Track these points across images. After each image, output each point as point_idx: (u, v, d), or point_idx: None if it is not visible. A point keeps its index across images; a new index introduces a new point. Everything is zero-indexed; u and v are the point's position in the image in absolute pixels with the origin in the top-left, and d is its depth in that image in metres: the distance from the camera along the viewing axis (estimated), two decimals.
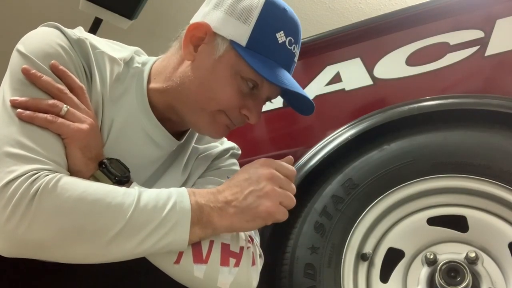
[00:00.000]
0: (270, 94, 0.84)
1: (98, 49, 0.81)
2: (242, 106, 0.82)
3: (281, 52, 0.81)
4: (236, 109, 0.82)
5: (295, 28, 0.83)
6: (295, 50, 0.83)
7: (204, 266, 0.74)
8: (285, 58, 0.81)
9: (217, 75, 0.80)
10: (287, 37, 0.80)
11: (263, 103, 0.86)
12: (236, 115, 0.83)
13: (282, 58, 0.81)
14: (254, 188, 0.74)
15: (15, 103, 0.69)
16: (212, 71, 0.81)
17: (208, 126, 0.84)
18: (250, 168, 0.78)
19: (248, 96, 0.82)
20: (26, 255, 0.66)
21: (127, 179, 0.76)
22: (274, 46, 0.80)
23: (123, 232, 0.66)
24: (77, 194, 0.65)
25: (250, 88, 0.81)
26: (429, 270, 0.99)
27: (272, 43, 0.80)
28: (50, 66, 0.73)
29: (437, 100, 1.07)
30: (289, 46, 0.81)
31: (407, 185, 1.03)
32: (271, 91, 0.84)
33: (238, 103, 0.81)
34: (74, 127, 0.71)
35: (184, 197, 0.72)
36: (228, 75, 0.80)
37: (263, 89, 0.82)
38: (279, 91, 0.85)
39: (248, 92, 0.81)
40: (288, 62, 0.82)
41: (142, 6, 2.05)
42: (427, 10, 1.23)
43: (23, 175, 0.63)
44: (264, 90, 0.82)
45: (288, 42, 0.81)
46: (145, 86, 0.85)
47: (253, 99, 0.83)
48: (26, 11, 2.96)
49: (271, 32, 0.80)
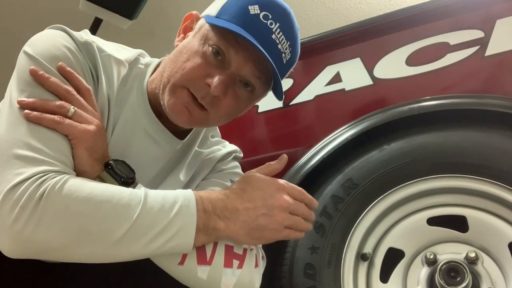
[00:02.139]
0: (238, 66, 0.79)
1: (104, 52, 0.82)
2: (206, 75, 0.78)
3: (252, 22, 0.77)
4: (201, 80, 0.78)
5: (274, 7, 0.79)
6: (272, 26, 0.78)
7: (208, 267, 0.74)
8: (256, 28, 0.77)
9: (189, 49, 0.81)
10: (261, 11, 0.77)
11: (231, 77, 0.79)
12: (200, 85, 0.78)
13: (252, 27, 0.77)
14: (266, 212, 0.76)
15: (23, 104, 0.70)
16: (186, 46, 0.82)
17: (169, 102, 0.80)
18: (266, 187, 0.78)
19: (215, 67, 0.78)
20: (33, 256, 0.66)
21: (132, 181, 0.76)
22: (244, 15, 0.77)
23: (129, 234, 0.66)
24: (83, 195, 0.65)
25: (215, 55, 0.78)
26: (429, 270, 0.99)
27: (242, 12, 0.77)
28: (58, 68, 0.74)
29: (437, 100, 1.07)
30: (264, 19, 0.77)
31: (407, 185, 1.03)
32: (239, 62, 0.78)
33: (202, 72, 0.78)
34: (81, 128, 0.71)
35: (191, 201, 0.72)
36: (197, 46, 0.80)
37: (230, 59, 0.78)
38: (250, 67, 0.79)
39: (215, 63, 0.78)
40: (261, 34, 0.77)
41: (142, 6, 2.05)
42: (427, 10, 1.23)
43: (31, 178, 0.64)
44: (232, 61, 0.78)
45: (262, 16, 0.77)
46: (146, 86, 0.86)
47: (219, 70, 0.78)
48: (26, 11, 2.96)
49: (243, 4, 0.78)
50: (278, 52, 0.79)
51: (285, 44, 0.80)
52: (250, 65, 0.79)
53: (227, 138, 1.06)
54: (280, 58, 0.80)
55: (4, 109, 0.72)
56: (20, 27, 2.93)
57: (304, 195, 0.80)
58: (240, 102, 0.83)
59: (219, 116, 0.83)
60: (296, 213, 0.78)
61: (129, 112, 0.84)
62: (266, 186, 0.78)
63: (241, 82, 0.81)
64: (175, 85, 0.79)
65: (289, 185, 0.80)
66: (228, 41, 0.77)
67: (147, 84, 0.87)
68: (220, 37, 0.77)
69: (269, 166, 0.84)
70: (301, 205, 0.79)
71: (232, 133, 0.88)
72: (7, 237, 0.63)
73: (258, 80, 0.81)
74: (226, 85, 0.78)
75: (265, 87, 0.84)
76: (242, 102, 0.84)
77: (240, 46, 0.77)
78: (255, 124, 1.40)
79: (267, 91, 0.87)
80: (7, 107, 0.71)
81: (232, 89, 0.80)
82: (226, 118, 0.86)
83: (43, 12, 2.92)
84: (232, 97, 0.81)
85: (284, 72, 0.84)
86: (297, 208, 0.78)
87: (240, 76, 0.80)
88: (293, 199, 0.78)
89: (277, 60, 0.78)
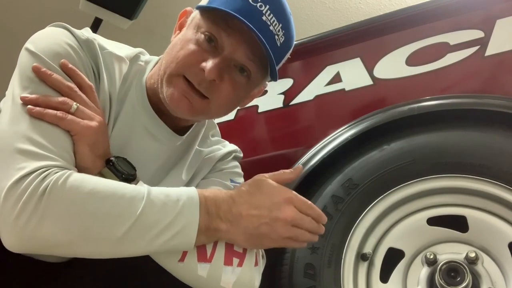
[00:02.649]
0: (231, 50, 0.78)
1: (106, 50, 0.82)
2: (201, 60, 0.78)
3: (242, 5, 0.76)
4: (195, 65, 0.78)
5: None
6: (262, 8, 0.77)
7: (208, 265, 0.74)
8: (246, 11, 0.76)
9: (183, 39, 0.81)
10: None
11: (225, 61, 0.79)
12: (195, 72, 0.78)
13: (242, 10, 0.76)
14: (269, 222, 0.75)
15: (26, 100, 0.70)
16: (180, 38, 0.82)
17: (167, 92, 0.80)
18: (275, 196, 0.77)
19: (208, 52, 0.78)
20: (36, 251, 0.66)
21: (133, 178, 0.76)
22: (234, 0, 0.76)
23: (131, 230, 0.66)
24: (86, 191, 0.65)
25: (208, 42, 0.78)
26: (429, 270, 0.99)
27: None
28: (60, 65, 0.74)
29: (437, 100, 1.07)
30: (253, 2, 0.77)
31: (407, 185, 1.03)
32: (232, 46, 0.78)
33: (196, 58, 0.78)
34: (84, 124, 0.72)
35: (194, 200, 0.72)
36: (191, 34, 0.80)
37: (223, 44, 0.78)
38: (244, 49, 0.79)
39: (208, 49, 0.78)
40: (251, 15, 0.76)
41: (142, 6, 2.05)
42: (427, 10, 1.23)
43: (34, 172, 0.64)
44: (225, 45, 0.78)
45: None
46: (144, 82, 0.87)
47: (213, 54, 0.78)
48: (27, 11, 2.96)
49: None
50: (270, 34, 0.78)
51: (277, 26, 0.79)
52: (243, 47, 0.78)
53: (228, 138, 1.06)
54: (273, 40, 0.79)
55: (7, 105, 0.72)
56: (21, 27, 2.93)
57: (313, 209, 0.79)
58: (238, 88, 0.82)
59: (219, 103, 0.82)
60: (300, 226, 0.77)
61: (128, 109, 0.84)
62: (275, 195, 0.77)
63: (236, 68, 0.80)
64: (171, 74, 0.80)
65: (298, 198, 0.78)
66: (220, 25, 0.77)
67: (146, 80, 0.87)
68: (212, 23, 0.78)
69: (283, 175, 0.82)
70: (307, 219, 0.78)
71: (232, 133, 0.88)
72: (10, 232, 0.63)
73: (252, 63, 0.80)
74: (221, 68, 0.78)
75: (261, 72, 0.83)
76: (241, 89, 0.83)
77: (231, 29, 0.77)
78: (255, 124, 1.40)
79: (265, 78, 0.86)
80: (9, 103, 0.71)
81: (228, 74, 0.80)
82: (227, 106, 0.86)
83: (43, 12, 2.92)
84: (229, 82, 0.80)
85: (279, 54, 0.82)
86: (302, 222, 0.77)
87: (234, 61, 0.79)
88: (300, 212, 0.78)
89: (270, 42, 0.78)
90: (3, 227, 0.64)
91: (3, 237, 0.65)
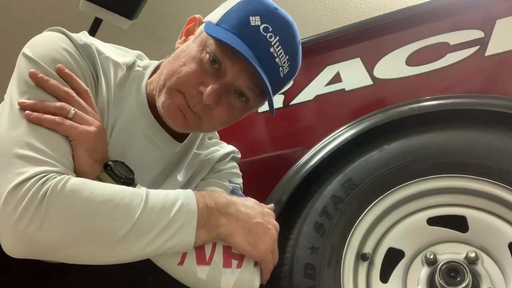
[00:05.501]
0: (233, 77, 0.79)
1: (103, 54, 0.82)
2: (200, 83, 0.78)
3: (251, 33, 0.76)
4: (194, 87, 0.79)
5: (276, 20, 0.78)
6: (272, 39, 0.77)
7: (207, 267, 0.75)
8: (255, 40, 0.76)
9: (187, 53, 0.81)
10: (262, 23, 0.77)
11: (225, 86, 0.80)
12: (193, 93, 0.79)
13: (250, 39, 0.76)
14: (262, 222, 0.79)
15: (23, 105, 0.70)
16: (185, 50, 0.82)
17: (164, 105, 0.81)
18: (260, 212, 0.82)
19: (210, 75, 0.79)
20: (36, 256, 0.66)
21: (131, 181, 0.77)
22: (244, 26, 0.77)
23: (131, 233, 0.66)
24: (85, 195, 0.65)
25: (211, 63, 0.78)
26: (429, 270, 0.99)
27: (242, 23, 0.77)
28: (56, 70, 0.74)
29: (437, 100, 1.07)
30: (264, 32, 0.77)
31: (407, 185, 1.03)
32: (234, 73, 0.79)
33: (197, 79, 0.78)
34: (82, 129, 0.72)
35: (191, 199, 0.73)
36: (195, 51, 0.80)
37: (226, 69, 0.78)
38: (245, 78, 0.79)
39: (211, 71, 0.79)
40: (258, 46, 0.77)
41: (142, 6, 2.05)
42: (427, 10, 1.23)
43: (33, 177, 0.64)
44: (228, 72, 0.79)
45: (263, 28, 0.77)
46: (144, 88, 0.86)
47: (214, 78, 0.78)
48: (26, 11, 2.96)
49: (245, 14, 0.77)
50: (275, 66, 0.79)
51: (283, 58, 0.79)
52: (245, 76, 0.79)
53: (227, 138, 1.07)
54: (277, 72, 0.80)
55: (5, 110, 0.72)
56: (21, 27, 2.93)
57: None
58: (233, 111, 0.83)
59: (212, 124, 0.84)
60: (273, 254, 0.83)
61: (128, 114, 0.84)
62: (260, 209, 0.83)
63: (236, 92, 0.81)
64: (170, 88, 0.80)
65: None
66: (225, 51, 0.77)
67: (146, 85, 0.87)
68: (218, 46, 0.77)
69: None
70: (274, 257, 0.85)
71: (232, 133, 0.88)
72: (10, 236, 0.63)
73: (252, 92, 0.81)
74: (219, 94, 0.79)
75: (259, 99, 0.84)
76: (236, 112, 0.84)
77: (236, 57, 0.77)
78: (255, 124, 1.40)
79: (263, 103, 0.88)
80: (7, 109, 0.71)
81: (225, 98, 0.80)
82: (220, 126, 0.87)
83: (43, 12, 2.92)
84: (224, 106, 0.81)
85: (280, 84, 0.84)
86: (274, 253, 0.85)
87: (234, 86, 0.80)
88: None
89: (273, 74, 0.79)
90: (3, 232, 0.64)
91: (3, 242, 0.65)
